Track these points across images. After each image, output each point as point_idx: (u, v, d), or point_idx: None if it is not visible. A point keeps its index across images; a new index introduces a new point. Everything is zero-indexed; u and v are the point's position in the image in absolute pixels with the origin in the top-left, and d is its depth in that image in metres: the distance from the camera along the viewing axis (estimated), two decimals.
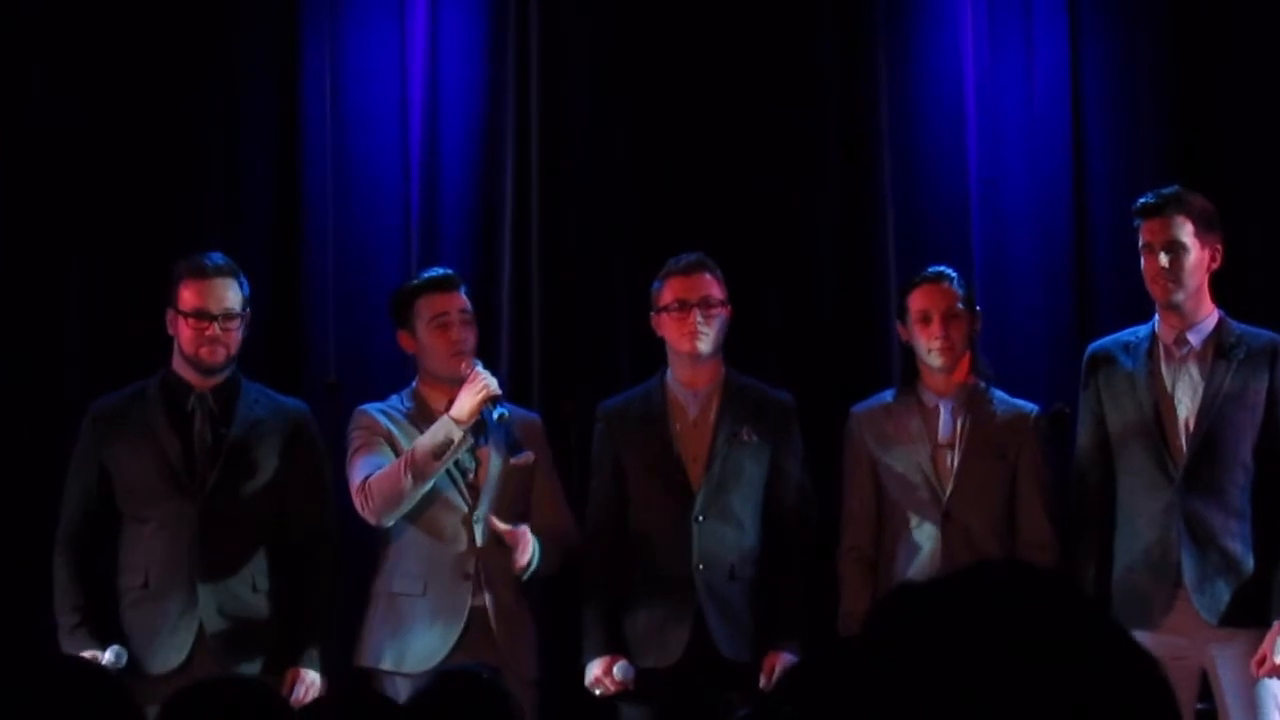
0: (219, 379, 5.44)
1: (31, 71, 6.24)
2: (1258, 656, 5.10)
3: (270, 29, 6.45)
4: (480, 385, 5.35)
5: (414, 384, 5.56)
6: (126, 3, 6.33)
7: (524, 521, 5.46)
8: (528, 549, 5.36)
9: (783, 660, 5.36)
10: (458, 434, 5.34)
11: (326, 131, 6.38)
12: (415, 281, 5.65)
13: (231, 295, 5.42)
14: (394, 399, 5.56)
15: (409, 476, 5.35)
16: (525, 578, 5.42)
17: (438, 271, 5.68)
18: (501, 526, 5.38)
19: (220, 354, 5.41)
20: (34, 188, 6.23)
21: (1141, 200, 5.31)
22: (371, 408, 5.54)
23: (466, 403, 5.35)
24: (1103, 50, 6.36)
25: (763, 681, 5.35)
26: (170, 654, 5.28)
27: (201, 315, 5.38)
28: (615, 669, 5.39)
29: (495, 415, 5.37)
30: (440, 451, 5.34)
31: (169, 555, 5.30)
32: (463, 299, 5.54)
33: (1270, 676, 5.10)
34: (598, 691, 5.43)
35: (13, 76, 6.26)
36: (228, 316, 5.40)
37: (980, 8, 6.35)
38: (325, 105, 6.39)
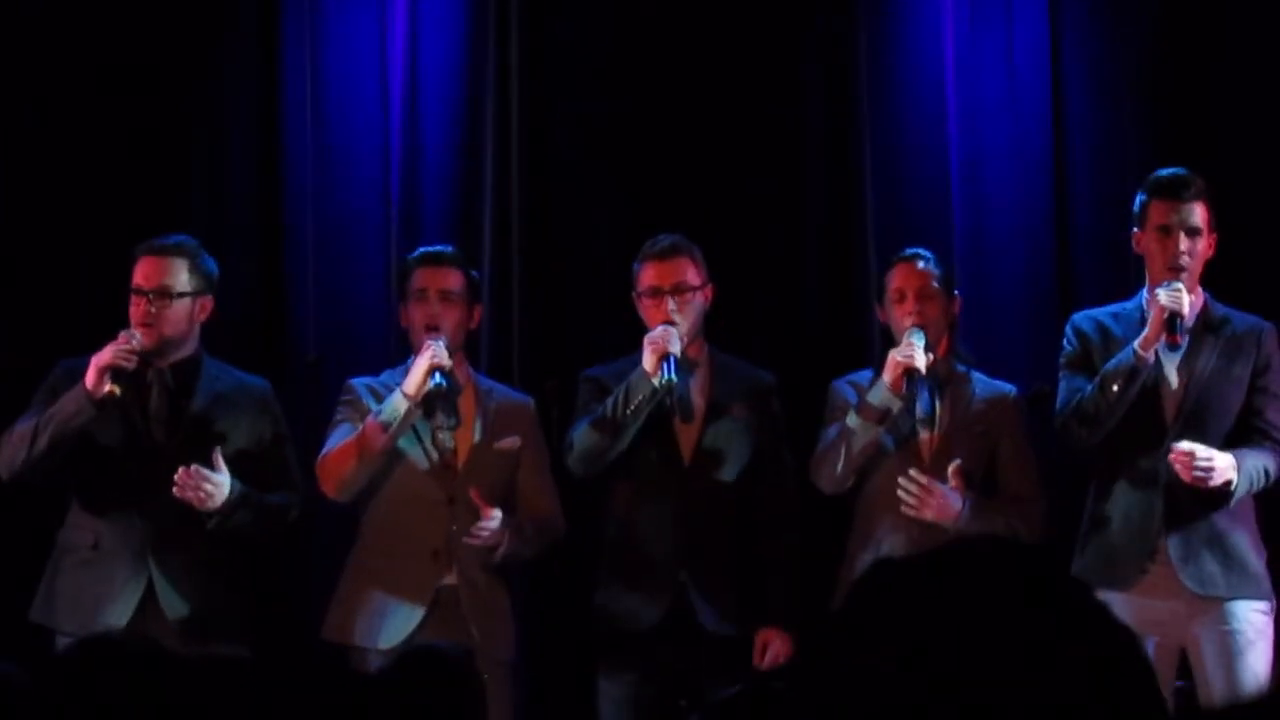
0: (174, 358, 5.31)
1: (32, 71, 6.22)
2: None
3: (251, 19, 6.42)
4: (428, 355, 5.29)
5: (411, 359, 5.49)
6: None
7: (505, 506, 5.43)
8: (496, 532, 5.27)
9: (773, 637, 5.37)
10: (404, 406, 5.27)
11: (307, 116, 6.36)
12: (413, 254, 5.59)
13: (173, 274, 5.26)
14: (386, 374, 5.52)
15: (356, 452, 5.31)
16: (498, 559, 5.34)
17: (434, 247, 5.62)
18: (480, 503, 5.30)
19: (151, 336, 5.24)
20: (31, 184, 6.21)
21: (1163, 178, 5.27)
22: (358, 381, 5.51)
23: (414, 375, 5.29)
24: (1084, 28, 6.34)
25: (755, 658, 5.37)
26: (111, 617, 5.16)
27: (136, 291, 5.24)
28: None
29: (433, 383, 5.26)
30: (387, 425, 5.29)
31: (122, 519, 5.22)
32: (450, 276, 5.43)
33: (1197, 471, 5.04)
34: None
35: (12, 76, 6.22)
36: (160, 294, 5.22)
37: None
38: (306, 89, 6.37)
